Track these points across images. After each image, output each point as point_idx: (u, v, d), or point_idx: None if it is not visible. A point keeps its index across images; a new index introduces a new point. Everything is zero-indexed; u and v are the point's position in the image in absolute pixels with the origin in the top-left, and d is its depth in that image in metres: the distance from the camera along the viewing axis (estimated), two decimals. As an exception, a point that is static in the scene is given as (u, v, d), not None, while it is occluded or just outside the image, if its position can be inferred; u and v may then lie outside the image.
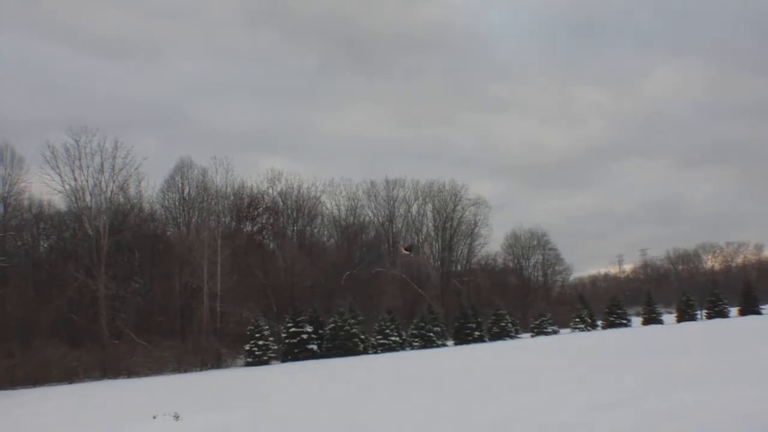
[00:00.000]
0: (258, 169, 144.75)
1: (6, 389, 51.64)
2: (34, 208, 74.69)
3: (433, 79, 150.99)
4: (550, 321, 79.33)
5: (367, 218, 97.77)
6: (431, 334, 71.02)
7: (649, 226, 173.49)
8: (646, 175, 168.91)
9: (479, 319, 75.78)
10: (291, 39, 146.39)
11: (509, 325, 76.94)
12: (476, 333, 74.08)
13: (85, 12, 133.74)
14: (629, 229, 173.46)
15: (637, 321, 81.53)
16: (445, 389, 26.06)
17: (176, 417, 22.29)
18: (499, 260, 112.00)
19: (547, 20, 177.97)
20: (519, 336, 77.46)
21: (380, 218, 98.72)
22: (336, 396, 27.41)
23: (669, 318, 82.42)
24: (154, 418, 22.72)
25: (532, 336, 76.95)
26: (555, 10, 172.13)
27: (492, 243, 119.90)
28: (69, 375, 56.85)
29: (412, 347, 70.02)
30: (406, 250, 65.43)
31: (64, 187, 69.17)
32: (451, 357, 51.75)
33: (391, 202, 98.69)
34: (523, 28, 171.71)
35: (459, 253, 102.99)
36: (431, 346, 69.72)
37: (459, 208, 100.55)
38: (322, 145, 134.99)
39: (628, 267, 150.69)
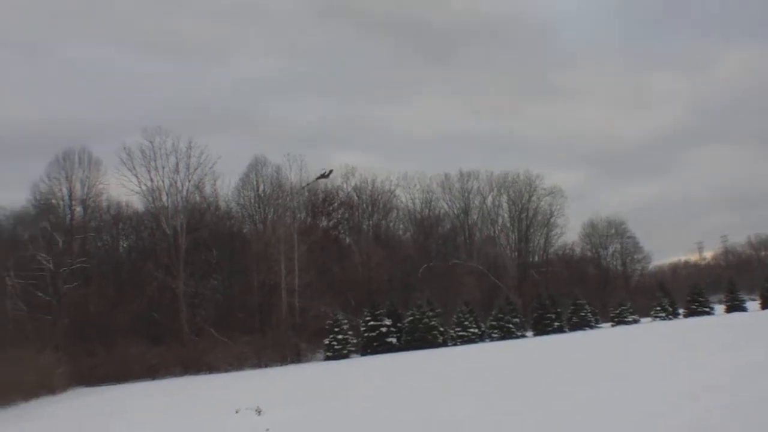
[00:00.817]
0: (331, 164, 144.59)
1: (89, 386, 52.40)
2: (112, 210, 75.92)
3: (504, 69, 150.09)
4: (631, 310, 77.77)
5: (442, 211, 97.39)
6: (510, 325, 70.19)
7: (728, 212, 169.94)
8: (724, 160, 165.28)
9: (558, 310, 74.67)
10: (361, 33, 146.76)
11: (589, 315, 75.68)
12: (555, 323, 72.98)
13: (153, 16, 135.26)
14: (708, 215, 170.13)
15: (719, 309, 79.59)
16: (528, 379, 25.58)
17: (258, 411, 22.08)
18: (577, 250, 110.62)
19: (619, 5, 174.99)
20: (599, 326, 76.19)
21: (455, 210, 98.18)
22: (417, 388, 27.05)
23: (753, 305, 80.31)
24: (237, 412, 22.54)
25: (612, 325, 75.59)
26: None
27: (569, 233, 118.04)
28: (150, 372, 57.46)
29: (491, 338, 69.26)
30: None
31: (140, 187, 70.39)
32: (531, 347, 51.08)
33: (466, 194, 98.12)
34: (594, 15, 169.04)
35: (536, 243, 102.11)
36: (510, 337, 68.83)
37: (534, 198, 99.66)
38: (395, 139, 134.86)
39: (708, 254, 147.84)
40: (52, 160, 70.97)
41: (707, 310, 77.05)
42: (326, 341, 64.10)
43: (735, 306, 77.72)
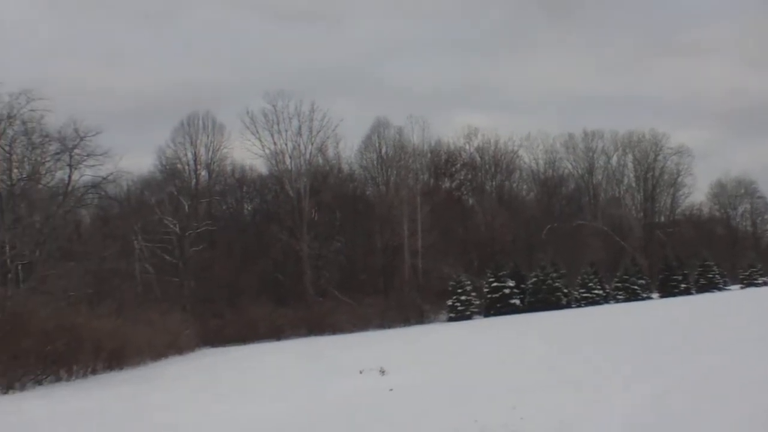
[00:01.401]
0: (453, 125, 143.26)
1: (217, 347, 53.11)
2: (236, 173, 76.91)
3: (628, 24, 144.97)
4: (761, 272, 74.74)
5: (566, 171, 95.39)
6: (635, 287, 68.40)
7: None
8: None
9: (685, 271, 72.35)
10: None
11: (717, 276, 72.97)
12: (682, 285, 70.59)
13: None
14: None
15: None
16: (655, 342, 24.40)
17: (382, 372, 22.08)
18: (705, 210, 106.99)
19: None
20: (728, 288, 73.35)
21: (579, 170, 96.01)
22: (539, 350, 26.30)
23: None
24: (361, 372, 22.57)
25: (742, 288, 72.71)
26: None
27: (696, 193, 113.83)
28: (275, 332, 57.95)
29: (616, 300, 67.65)
30: None
31: (264, 151, 71.32)
32: (657, 309, 49.43)
33: (590, 154, 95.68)
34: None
35: (662, 203, 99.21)
36: (636, 299, 66.98)
37: (660, 157, 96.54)
38: (517, 99, 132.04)
39: None
40: (177, 125, 72.31)
41: (842, 270, 73.47)
42: (449, 302, 63.80)
43: None
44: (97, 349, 34.17)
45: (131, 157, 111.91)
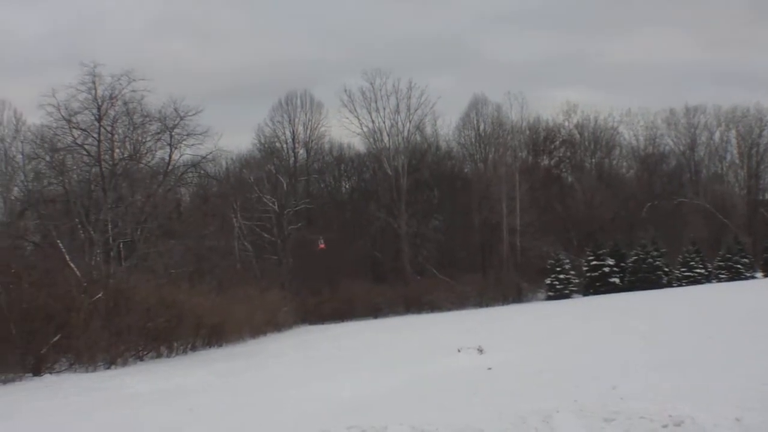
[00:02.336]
0: (552, 102, 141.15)
1: (316, 323, 53.46)
2: (334, 151, 77.17)
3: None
4: None
5: (667, 147, 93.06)
6: (739, 266, 66.30)
7: None
8: None
9: (792, 249, 70.19)
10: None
11: (824, 255, 70.64)
12: (789, 263, 68.60)
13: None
14: None
15: None
16: (756, 325, 23.47)
17: (480, 350, 21.76)
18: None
19: None
20: (837, 266, 70.88)
21: (681, 147, 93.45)
22: (639, 330, 25.56)
23: None
24: (459, 351, 22.16)
25: None
26: None
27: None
28: (373, 310, 58.31)
29: (719, 279, 65.83)
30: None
31: (362, 129, 71.66)
32: (761, 289, 47.87)
33: (692, 130, 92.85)
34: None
35: (766, 180, 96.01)
36: (738, 278, 64.94)
37: (766, 132, 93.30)
38: (617, 74, 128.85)
39: None
40: (275, 104, 73.13)
41: None
42: (548, 281, 63.65)
43: None
44: (197, 326, 34.62)
45: (230, 135, 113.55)
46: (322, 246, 61.44)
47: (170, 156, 46.70)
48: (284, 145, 73.28)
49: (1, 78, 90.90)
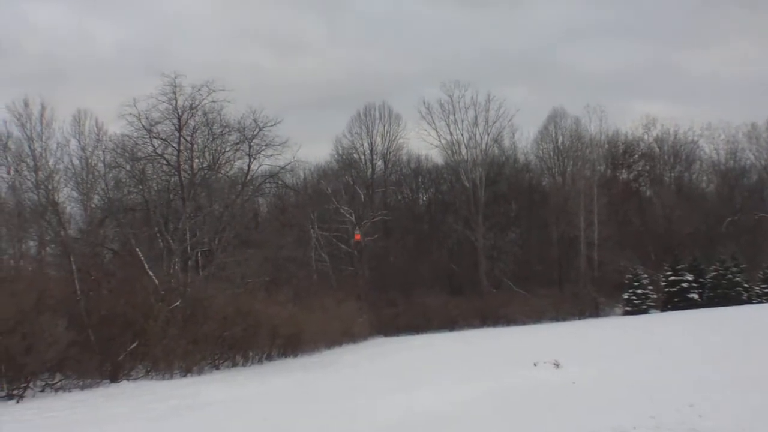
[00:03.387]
0: (632, 114, 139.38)
1: (391, 335, 53.39)
2: (412, 163, 77.21)
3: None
4: None
5: (748, 162, 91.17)
6: (821, 283, 64.99)
7: None
8: None
9: None
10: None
11: None
12: None
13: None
14: None
15: None
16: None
17: (556, 365, 21.66)
18: None
19: None
20: None
21: (762, 161, 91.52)
22: (718, 347, 25.17)
23: None
24: (535, 365, 22.10)
25: None
26: None
27: None
28: (449, 322, 58.15)
29: (800, 297, 64.47)
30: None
31: (440, 141, 71.82)
32: None
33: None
34: None
35: None
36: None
37: None
38: (698, 86, 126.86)
39: None
40: (354, 115, 73.37)
41: None
42: (625, 296, 62.82)
43: None
44: (273, 336, 34.76)
45: (308, 146, 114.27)
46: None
47: (249, 166, 46.95)
48: (362, 157, 73.49)
49: (83, 88, 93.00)
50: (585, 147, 74.64)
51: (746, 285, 63.42)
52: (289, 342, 36.63)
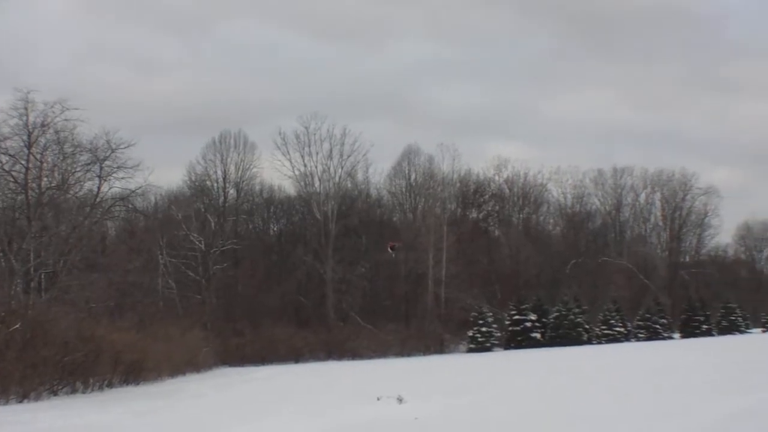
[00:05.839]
0: (484, 155, 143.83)
1: (236, 366, 52.99)
2: (264, 193, 77.11)
3: (669, 61, 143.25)
4: (784, 316, 74.44)
5: (593, 207, 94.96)
6: (657, 326, 68.62)
7: None
8: None
9: (707, 312, 72.18)
10: (524, 17, 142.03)
11: (739, 319, 72.67)
12: (704, 326, 70.35)
13: None
14: None
15: None
16: (677, 383, 23.99)
17: (399, 400, 21.69)
18: (730, 252, 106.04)
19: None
20: (749, 330, 72.87)
21: (607, 207, 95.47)
22: (558, 386, 25.96)
23: None
24: (378, 399, 22.19)
25: (763, 331, 72.49)
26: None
27: (722, 234, 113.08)
28: (295, 354, 58.15)
29: (637, 338, 67.75)
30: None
31: (293, 172, 71.95)
32: (676, 349, 49.03)
33: (619, 191, 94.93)
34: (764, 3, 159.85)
35: (688, 243, 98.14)
36: (656, 338, 67.25)
37: (689, 197, 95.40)
38: (549, 130, 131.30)
39: None
40: (209, 142, 72.48)
41: None
42: (470, 333, 64.10)
43: None
44: (115, 362, 34.18)
45: (161, 169, 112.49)
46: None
47: (99, 188, 46.20)
48: (215, 184, 72.59)
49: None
50: (437, 185, 76.12)
51: (587, 326, 65.91)
52: (131, 369, 36.01)
